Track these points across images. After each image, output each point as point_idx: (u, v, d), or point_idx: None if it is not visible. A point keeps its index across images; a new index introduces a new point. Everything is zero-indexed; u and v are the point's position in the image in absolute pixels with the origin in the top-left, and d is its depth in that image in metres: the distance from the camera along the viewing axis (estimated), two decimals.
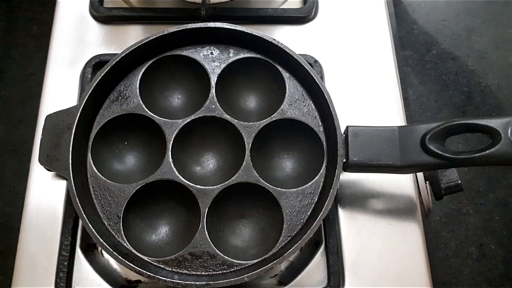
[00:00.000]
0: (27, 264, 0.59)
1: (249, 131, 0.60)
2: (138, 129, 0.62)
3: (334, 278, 0.59)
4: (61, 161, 0.56)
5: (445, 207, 1.30)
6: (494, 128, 0.51)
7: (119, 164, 0.62)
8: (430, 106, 1.39)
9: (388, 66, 0.72)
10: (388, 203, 0.63)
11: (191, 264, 0.55)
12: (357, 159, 0.55)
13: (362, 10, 0.76)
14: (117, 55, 0.60)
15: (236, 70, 0.64)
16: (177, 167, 0.58)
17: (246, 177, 0.58)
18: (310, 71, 0.59)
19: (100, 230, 0.54)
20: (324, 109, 0.59)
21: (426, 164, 0.53)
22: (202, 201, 0.57)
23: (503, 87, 1.42)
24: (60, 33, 0.73)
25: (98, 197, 0.58)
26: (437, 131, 0.53)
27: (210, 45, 0.64)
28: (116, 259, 0.52)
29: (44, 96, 0.68)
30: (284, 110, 0.61)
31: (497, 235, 1.27)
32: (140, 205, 0.59)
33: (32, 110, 0.69)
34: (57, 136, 0.58)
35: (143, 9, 0.74)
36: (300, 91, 0.62)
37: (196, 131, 0.62)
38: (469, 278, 1.22)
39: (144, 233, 0.59)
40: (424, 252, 0.61)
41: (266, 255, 0.55)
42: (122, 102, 0.61)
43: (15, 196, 1.26)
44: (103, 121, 0.60)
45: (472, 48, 1.47)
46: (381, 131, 0.56)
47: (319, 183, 0.58)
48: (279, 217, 0.57)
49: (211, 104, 0.61)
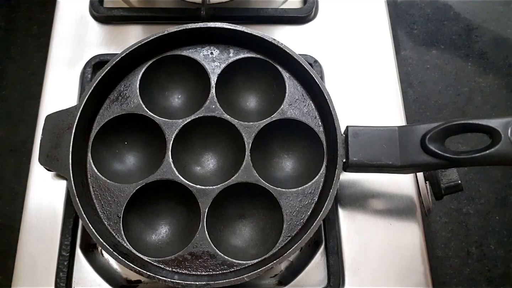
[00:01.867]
0: (27, 264, 0.59)
1: (249, 131, 0.60)
2: (138, 129, 0.62)
3: (334, 278, 0.59)
4: (61, 161, 0.56)
5: (445, 207, 1.30)
6: (494, 128, 0.51)
7: (119, 164, 0.62)
8: (430, 106, 1.39)
9: (388, 66, 0.72)
10: (388, 203, 0.63)
11: (191, 264, 0.55)
12: (357, 159, 0.55)
13: (362, 10, 0.76)
14: (117, 55, 0.60)
15: (236, 70, 0.64)
16: (177, 167, 0.58)
17: (246, 177, 0.58)
18: (310, 71, 0.59)
19: (100, 230, 0.54)
20: (324, 109, 0.59)
21: (426, 164, 0.53)
22: (202, 201, 0.57)
23: (503, 87, 1.42)
24: (60, 33, 0.73)
25: (98, 197, 0.58)
26: (437, 131, 0.53)
27: (210, 45, 0.64)
28: (116, 259, 0.52)
29: (44, 96, 0.68)
30: (284, 110, 0.61)
31: (497, 235, 1.27)
32: (140, 205, 0.59)
33: (32, 110, 0.69)
34: (57, 136, 0.58)
35: (143, 9, 0.74)
36: (300, 91, 0.62)
37: (196, 131, 0.61)
38: (469, 278, 1.22)
39: (144, 233, 0.59)
40: (424, 252, 0.61)
41: (266, 255, 0.55)
42: (122, 102, 0.61)
43: (15, 196, 1.26)
44: (103, 121, 0.60)
45: (473, 47, 1.47)
46: (381, 131, 0.56)
47: (319, 183, 0.58)
48: (279, 217, 0.57)
49: (211, 104, 0.61)
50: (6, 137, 1.33)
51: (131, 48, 0.60)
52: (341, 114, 0.57)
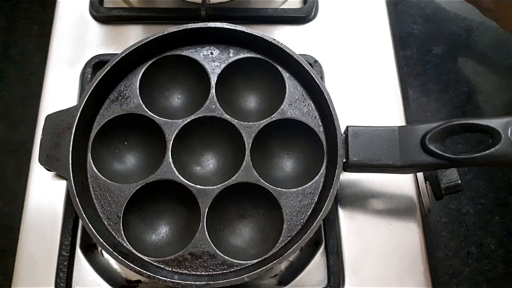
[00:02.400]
0: (27, 264, 0.59)
1: (249, 131, 0.60)
2: (138, 129, 0.62)
3: (334, 278, 0.59)
4: (61, 161, 0.56)
5: (445, 207, 1.30)
6: (494, 128, 0.51)
7: (119, 164, 0.62)
8: (430, 106, 1.38)
9: (388, 66, 0.72)
10: (388, 203, 0.63)
11: (191, 264, 0.55)
12: (357, 159, 0.55)
13: (362, 10, 0.76)
14: (117, 55, 0.60)
15: (236, 70, 0.64)
16: (177, 167, 0.58)
17: (246, 177, 0.58)
18: (310, 71, 0.59)
19: (100, 230, 0.54)
20: (324, 109, 0.59)
21: (426, 164, 0.53)
22: (202, 201, 0.57)
23: (503, 87, 1.42)
24: (60, 33, 0.73)
25: (98, 197, 0.58)
26: (437, 131, 0.53)
27: (210, 45, 0.64)
28: (116, 259, 0.52)
29: (44, 96, 0.68)
30: (284, 110, 0.61)
31: (497, 235, 1.26)
32: (140, 205, 0.59)
33: (32, 110, 0.69)
34: (57, 136, 0.58)
35: (143, 9, 0.74)
36: (300, 91, 0.62)
37: (196, 131, 0.61)
38: (469, 278, 1.21)
39: (144, 233, 0.59)
40: (424, 252, 0.61)
41: (266, 255, 0.55)
42: (122, 102, 0.61)
43: (15, 196, 1.26)
44: (103, 121, 0.60)
45: (472, 48, 1.47)
46: (381, 131, 0.56)
47: (319, 183, 0.58)
48: (279, 217, 0.57)
49: (211, 104, 0.61)
50: (6, 137, 1.33)
51: (131, 48, 0.60)
52: (341, 114, 0.57)
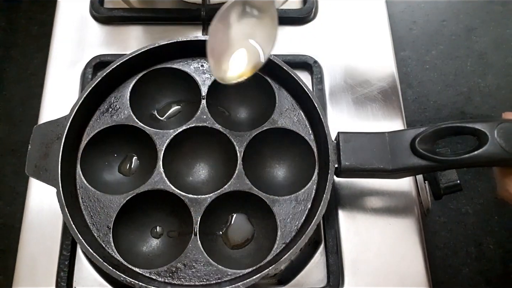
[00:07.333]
0: (28, 264, 0.59)
1: (241, 140, 0.59)
2: (129, 140, 0.61)
3: (333, 278, 0.59)
4: (50, 172, 0.55)
5: (444, 207, 1.30)
6: (481, 130, 0.52)
7: (109, 175, 0.61)
8: (430, 106, 1.38)
9: (388, 66, 0.72)
10: (387, 203, 0.64)
11: (184, 274, 0.54)
12: (349, 164, 0.55)
13: (362, 10, 0.76)
14: (106, 67, 0.59)
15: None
16: (168, 177, 0.57)
17: (239, 185, 0.57)
18: (299, 81, 0.59)
19: (89, 241, 0.53)
20: (314, 117, 0.59)
21: (417, 167, 0.54)
22: (194, 210, 0.56)
23: (502, 87, 1.42)
24: (60, 33, 0.73)
25: (88, 208, 0.57)
26: (426, 134, 0.54)
27: (201, 58, 0.63)
28: (107, 270, 0.51)
29: (45, 96, 0.69)
30: (275, 119, 0.61)
31: (496, 235, 1.26)
32: (131, 216, 0.58)
33: (33, 110, 0.69)
34: (46, 146, 0.56)
35: (143, 9, 0.75)
36: (290, 101, 0.62)
37: (188, 141, 0.61)
38: (468, 277, 1.22)
39: (135, 244, 0.58)
40: (423, 252, 0.61)
41: (261, 263, 0.54)
42: (112, 113, 0.61)
43: (16, 196, 1.26)
44: (93, 132, 0.60)
45: (472, 48, 1.47)
46: (371, 136, 0.56)
47: (311, 189, 0.58)
48: (273, 225, 0.57)
49: (202, 114, 0.60)
50: (6, 137, 1.33)
51: (121, 60, 0.59)
52: (341, 114, 0.58)
